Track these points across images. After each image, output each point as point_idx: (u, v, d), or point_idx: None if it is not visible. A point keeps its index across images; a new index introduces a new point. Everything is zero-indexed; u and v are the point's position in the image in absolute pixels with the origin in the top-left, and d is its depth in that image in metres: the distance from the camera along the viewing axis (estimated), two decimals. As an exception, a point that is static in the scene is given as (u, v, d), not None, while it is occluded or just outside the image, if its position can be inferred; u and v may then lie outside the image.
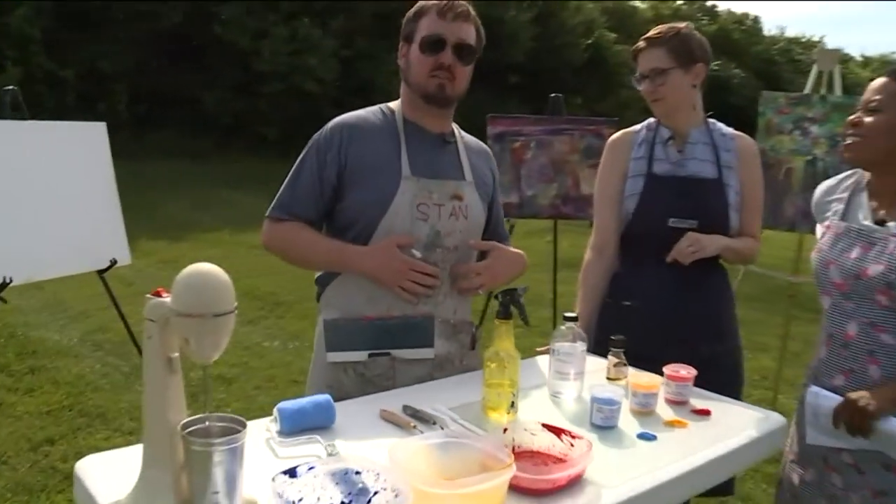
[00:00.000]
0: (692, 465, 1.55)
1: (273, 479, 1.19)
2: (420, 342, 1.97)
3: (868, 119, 1.82)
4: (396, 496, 1.19)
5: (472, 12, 2.02)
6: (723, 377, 2.18)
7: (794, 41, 32.50)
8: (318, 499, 1.22)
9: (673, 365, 1.88)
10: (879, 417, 1.72)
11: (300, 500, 1.18)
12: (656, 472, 1.49)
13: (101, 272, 3.08)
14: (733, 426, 1.76)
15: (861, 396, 1.75)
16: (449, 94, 1.98)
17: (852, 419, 1.76)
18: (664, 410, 1.81)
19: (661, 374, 1.87)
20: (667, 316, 2.24)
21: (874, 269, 1.77)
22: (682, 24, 2.34)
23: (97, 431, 3.90)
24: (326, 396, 1.64)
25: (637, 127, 2.40)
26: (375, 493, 1.25)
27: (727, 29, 28.84)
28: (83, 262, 3.02)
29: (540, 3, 20.02)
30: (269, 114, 15.04)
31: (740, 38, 28.98)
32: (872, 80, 1.91)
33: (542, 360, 2.11)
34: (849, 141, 1.86)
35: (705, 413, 1.81)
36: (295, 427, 1.56)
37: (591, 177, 3.94)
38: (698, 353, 2.00)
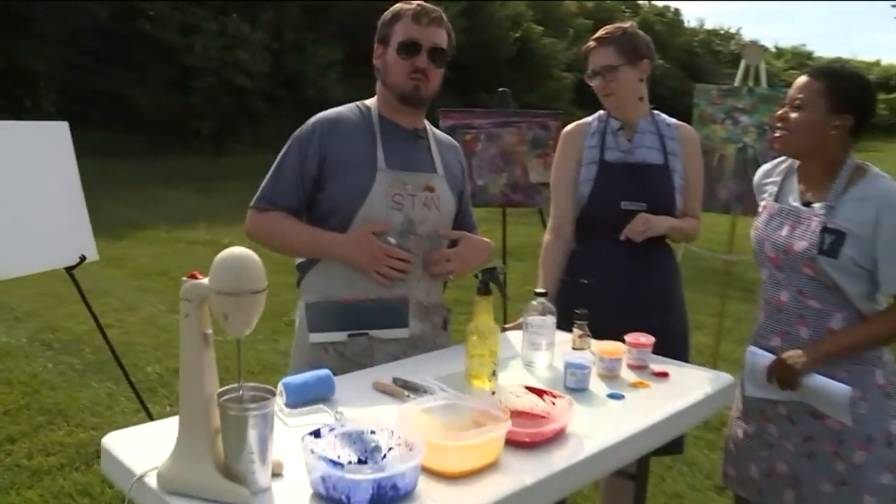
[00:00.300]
0: (658, 418, 1.75)
1: (302, 439, 1.33)
2: (395, 323, 2.11)
3: (793, 115, 2.03)
4: (411, 449, 1.34)
5: (445, 17, 2.16)
6: (674, 345, 2.40)
7: (714, 33, 33.56)
8: (338, 456, 1.36)
9: (633, 334, 2.07)
10: (805, 374, 1.96)
11: (338, 456, 1.32)
12: (630, 424, 1.69)
13: (69, 269, 3.12)
14: (689, 386, 1.97)
15: (790, 356, 1.98)
16: (423, 94, 2.13)
17: (782, 375, 1.99)
18: (628, 374, 2.01)
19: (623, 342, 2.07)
20: (621, 291, 2.43)
21: (799, 245, 2.00)
22: (627, 24, 2.54)
23: (59, 428, 3.90)
24: (326, 371, 1.78)
25: (589, 119, 2.59)
26: (390, 448, 1.40)
27: (650, 21, 29.53)
28: (52, 260, 3.05)
29: (468, -3, 20.24)
30: (203, 109, 14.87)
31: (662, 30, 29.72)
32: (787, 70, 2.16)
33: (511, 335, 2.29)
34: (777, 134, 2.08)
35: (664, 375, 2.02)
36: (299, 399, 1.69)
37: (538, 166, 4.14)
38: (651, 324, 2.19)
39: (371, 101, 2.22)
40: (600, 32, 2.52)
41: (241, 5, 15.77)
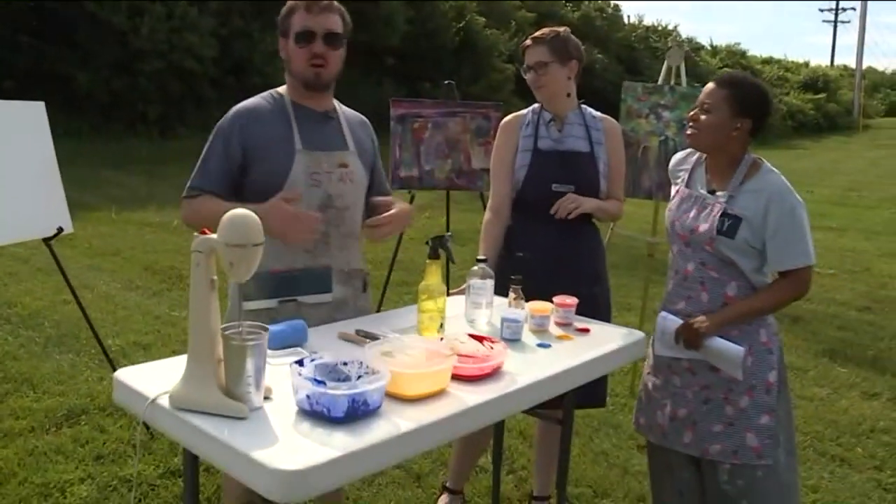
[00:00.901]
0: (578, 362, 2.12)
1: (290, 366, 1.65)
2: (320, 288, 2.34)
3: (703, 117, 2.40)
4: (378, 375, 1.67)
5: (335, 2, 2.36)
6: (601, 312, 2.77)
7: (652, 29, 34.28)
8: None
9: (560, 296, 2.43)
10: (707, 337, 2.35)
11: (321, 380, 1.64)
12: (554, 366, 2.04)
13: (47, 240, 3.34)
14: (606, 339, 2.34)
15: (696, 321, 2.37)
16: (325, 78, 2.35)
17: (688, 337, 2.38)
18: (555, 329, 2.37)
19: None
20: (552, 264, 2.79)
21: (703, 227, 2.39)
22: (561, 28, 2.90)
23: (25, 395, 4.09)
24: (301, 321, 2.09)
25: (524, 111, 2.95)
26: (360, 376, 1.73)
27: (590, 17, 30.11)
28: (31, 231, 3.27)
29: (413, -13, 20.42)
30: (150, 92, 14.82)
31: (602, 25, 30.32)
32: (721, 68, 2.55)
33: (453, 300, 2.61)
34: (689, 132, 2.45)
35: (585, 331, 2.38)
36: (278, 344, 2.00)
37: (480, 153, 4.49)
38: (580, 294, 2.52)
39: (283, 89, 2.43)
40: (537, 33, 2.88)
41: (189, -11, 15.76)
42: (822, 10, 60.73)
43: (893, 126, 43.60)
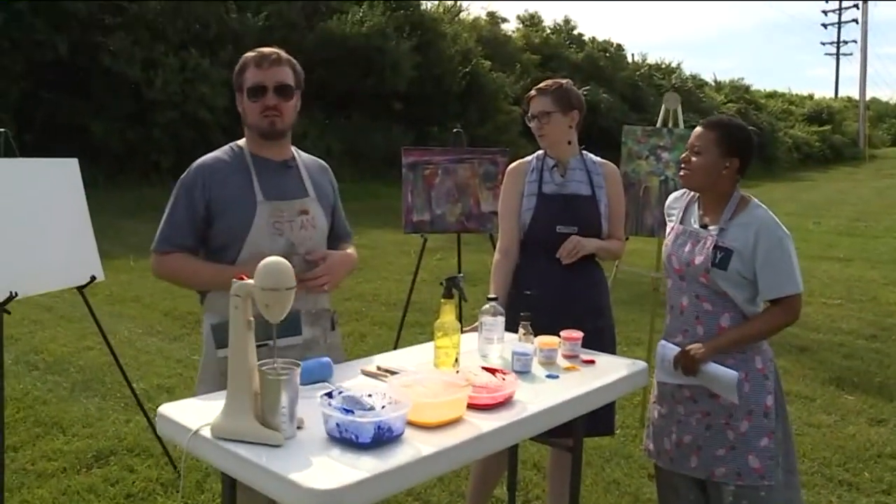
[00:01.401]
0: (585, 390, 2.27)
1: (320, 398, 1.81)
2: (291, 332, 2.41)
3: (694, 158, 2.59)
4: (400, 404, 1.83)
5: (284, 55, 2.46)
6: (605, 345, 2.91)
7: (655, 67, 34.69)
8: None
9: (566, 330, 2.59)
10: (703, 362, 2.51)
11: (349, 409, 1.80)
12: (562, 394, 2.20)
13: (80, 288, 3.53)
14: (611, 369, 2.49)
15: (691, 348, 2.53)
16: (280, 127, 2.43)
17: (685, 363, 2.53)
18: (562, 361, 2.52)
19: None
20: (558, 301, 2.94)
21: (698, 259, 2.56)
22: (564, 80, 3.09)
23: (56, 438, 4.25)
24: (327, 359, 2.26)
25: (529, 157, 3.14)
26: (383, 406, 1.89)
27: (594, 57, 30.56)
28: (66, 280, 3.47)
29: (419, 33, 20.83)
30: (163, 142, 15.17)
31: (606, 64, 30.73)
32: (725, 104, 2.75)
33: (466, 336, 2.77)
34: (682, 173, 2.64)
35: (591, 362, 2.53)
36: (307, 379, 2.15)
37: (489, 197, 4.68)
38: (585, 329, 2.65)
39: (242, 142, 2.53)
40: (541, 84, 3.08)
41: (200, 42, 16.18)
42: (823, 44, 61.14)
43: (899, 156, 43.68)
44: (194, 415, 1.91)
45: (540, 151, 3.11)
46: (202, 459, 1.88)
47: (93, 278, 3.53)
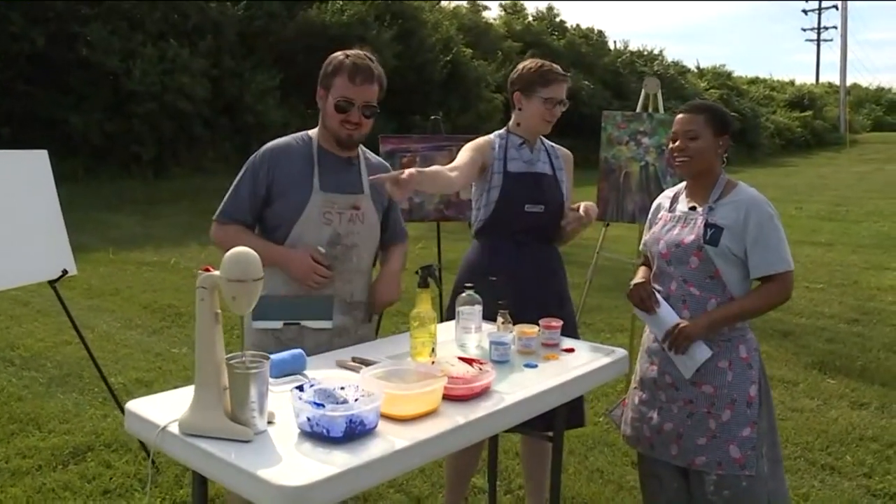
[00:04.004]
0: (564, 379, 2.23)
1: (291, 391, 1.77)
2: (321, 315, 2.54)
3: (691, 144, 2.56)
4: (373, 396, 1.79)
5: (378, 70, 2.57)
6: (568, 333, 2.86)
7: (637, 54, 34.65)
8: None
9: (546, 318, 2.55)
10: (695, 340, 2.47)
11: (320, 403, 1.75)
12: (540, 384, 2.16)
13: (52, 282, 3.46)
14: (591, 357, 2.46)
15: (687, 326, 2.47)
16: (356, 140, 2.61)
17: (677, 339, 2.48)
18: (542, 350, 2.48)
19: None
20: (522, 288, 2.89)
21: (688, 238, 2.53)
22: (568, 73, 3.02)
23: (31, 434, 4.17)
24: (300, 350, 2.21)
25: (491, 136, 3.06)
26: (356, 399, 1.85)
27: (576, 44, 30.50)
28: (37, 274, 3.40)
29: (400, 21, 20.70)
30: (143, 134, 15.01)
31: (588, 51, 30.69)
32: (707, 90, 2.72)
33: (444, 327, 2.73)
34: (680, 161, 2.59)
35: (571, 350, 2.50)
36: (279, 372, 2.11)
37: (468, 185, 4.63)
38: (549, 316, 2.60)
39: (314, 132, 2.67)
40: (559, 70, 2.97)
41: (179, 32, 16.00)
42: (804, 30, 61.32)
43: (879, 141, 44.00)
44: (164, 410, 1.86)
45: (502, 130, 3.06)
46: (171, 456, 1.83)
47: (64, 272, 3.46)
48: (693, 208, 2.59)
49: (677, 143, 2.59)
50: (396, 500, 3.52)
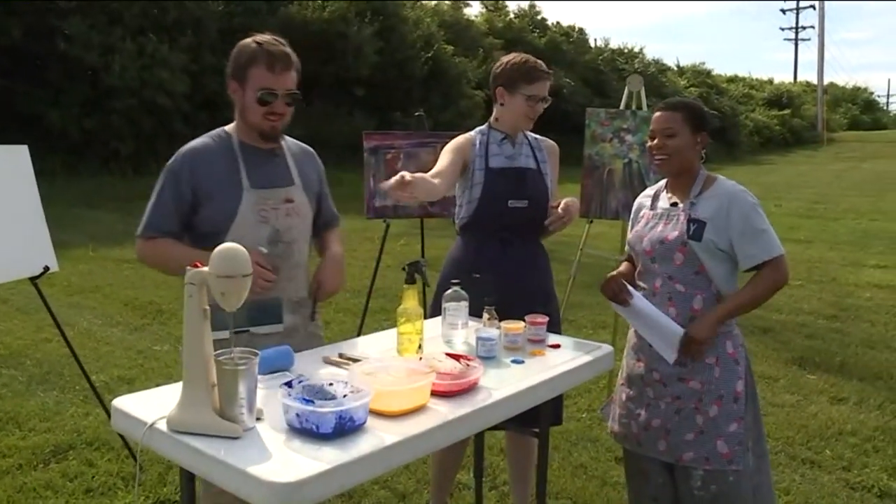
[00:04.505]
0: (551, 374, 2.24)
1: (280, 388, 1.76)
2: (272, 320, 2.42)
3: (669, 142, 2.56)
4: (362, 392, 1.79)
5: (293, 56, 2.40)
6: (552, 330, 2.87)
7: (618, 52, 34.80)
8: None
9: (532, 315, 2.56)
10: (709, 346, 2.48)
11: (309, 399, 1.75)
12: (527, 379, 2.17)
13: (34, 279, 3.43)
14: (577, 353, 2.47)
15: (697, 334, 2.46)
16: (279, 129, 2.44)
17: (690, 349, 2.48)
18: (528, 346, 2.49)
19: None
20: (506, 285, 2.86)
21: (672, 234, 2.53)
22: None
23: (11, 433, 4.13)
24: (287, 347, 2.20)
25: (471, 133, 3.05)
26: (345, 395, 1.84)
27: (557, 41, 30.56)
28: (18, 271, 3.36)
29: (381, 18, 20.66)
30: (122, 129, 14.88)
31: (568, 49, 30.76)
32: (687, 88, 2.72)
33: (430, 323, 2.73)
34: (658, 159, 2.60)
35: (557, 346, 2.51)
36: (266, 369, 2.10)
37: (453, 181, 4.63)
38: (534, 312, 2.60)
39: (231, 127, 2.49)
40: (543, 67, 2.97)
41: (159, 27, 15.87)
42: (783, 29, 61.81)
43: (856, 139, 44.54)
44: (150, 407, 1.85)
45: (483, 126, 3.06)
46: (159, 453, 1.82)
47: (46, 269, 3.43)
48: (675, 204, 2.60)
49: (655, 142, 2.60)
50: (381, 497, 3.53)
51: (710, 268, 2.50)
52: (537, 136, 3.13)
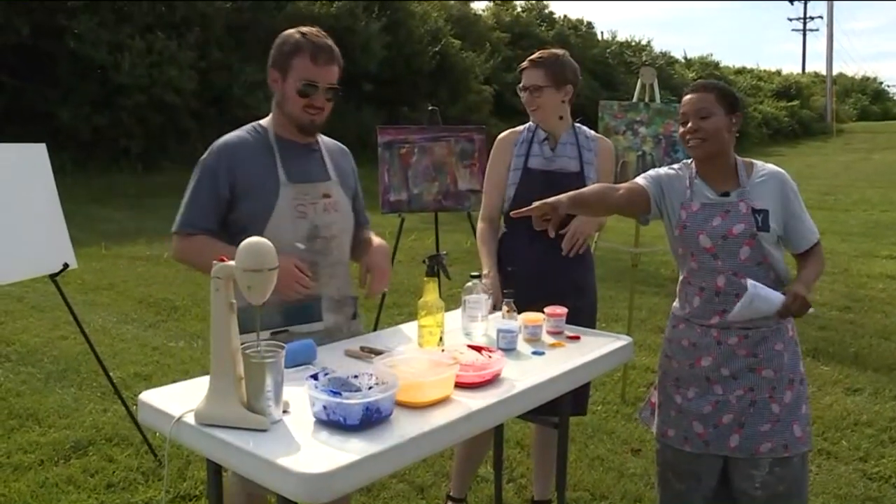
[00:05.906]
0: (571, 366, 2.25)
1: (306, 380, 1.78)
2: (310, 318, 2.39)
3: (703, 124, 2.40)
4: (388, 384, 1.80)
5: (336, 50, 2.39)
6: (583, 325, 2.88)
7: (626, 45, 34.65)
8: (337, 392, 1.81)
9: (551, 307, 2.57)
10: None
11: (336, 391, 1.77)
12: (548, 370, 2.18)
13: (53, 276, 3.45)
14: (596, 345, 2.47)
15: (801, 293, 2.30)
16: (319, 123, 2.42)
17: (798, 308, 2.31)
18: (547, 338, 2.50)
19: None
20: (539, 278, 2.91)
21: (737, 228, 2.38)
22: (560, 51, 3.01)
23: (31, 429, 4.17)
24: (310, 340, 2.22)
25: (520, 128, 3.07)
26: (370, 387, 1.86)
27: (565, 35, 30.45)
28: (38, 268, 3.39)
29: (388, 13, 20.64)
30: (131, 127, 14.93)
31: (576, 42, 30.64)
32: (696, 79, 2.67)
33: (449, 316, 2.74)
34: (693, 142, 2.40)
35: (576, 338, 2.52)
36: (290, 362, 2.11)
37: (466, 175, 4.65)
38: (564, 307, 2.61)
39: (267, 121, 2.46)
40: (535, 55, 2.98)
41: (167, 24, 15.90)
42: (790, 20, 61.58)
43: (866, 130, 44.25)
44: (176, 401, 1.87)
45: (532, 122, 3.06)
46: (186, 447, 1.84)
47: (66, 266, 3.46)
48: (725, 194, 2.43)
49: (689, 125, 2.42)
50: (400, 490, 3.54)
51: (771, 256, 2.40)
52: (591, 133, 3.09)
